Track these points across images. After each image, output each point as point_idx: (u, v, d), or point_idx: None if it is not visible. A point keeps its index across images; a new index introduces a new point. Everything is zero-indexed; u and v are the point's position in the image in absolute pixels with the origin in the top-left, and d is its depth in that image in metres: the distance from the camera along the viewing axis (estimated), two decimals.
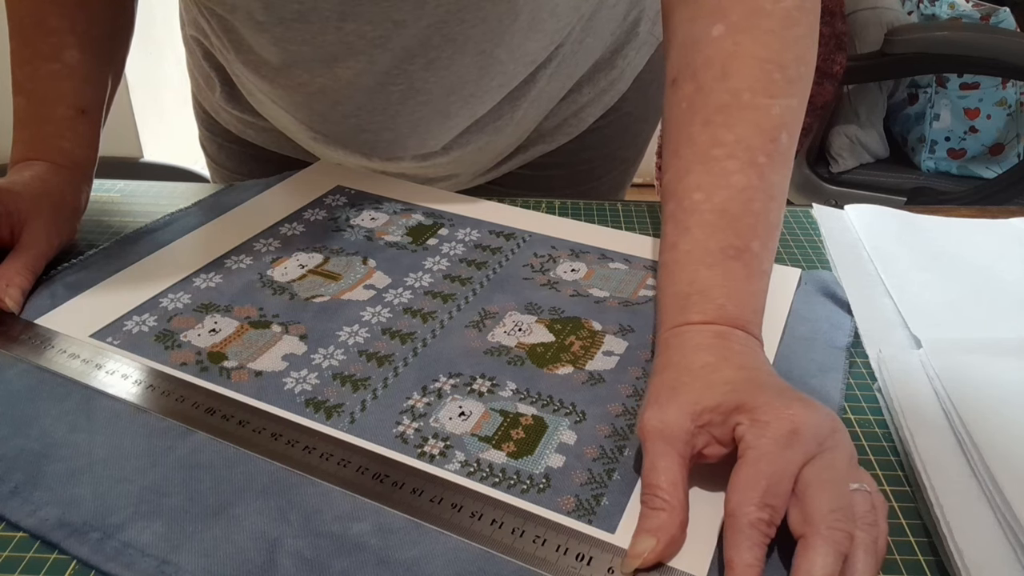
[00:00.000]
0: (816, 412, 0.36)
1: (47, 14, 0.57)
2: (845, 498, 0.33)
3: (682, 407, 0.37)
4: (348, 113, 0.63)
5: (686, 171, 0.46)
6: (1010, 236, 0.59)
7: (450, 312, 0.51)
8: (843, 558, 0.32)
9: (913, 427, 0.41)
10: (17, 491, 0.38)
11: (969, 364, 0.44)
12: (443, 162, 0.69)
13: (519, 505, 0.37)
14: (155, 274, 0.54)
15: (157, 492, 0.38)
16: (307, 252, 0.57)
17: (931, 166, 1.58)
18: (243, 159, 0.78)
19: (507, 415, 0.43)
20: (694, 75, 0.46)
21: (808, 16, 0.47)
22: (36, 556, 0.36)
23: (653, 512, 0.35)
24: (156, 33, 1.85)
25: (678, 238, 0.45)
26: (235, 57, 0.63)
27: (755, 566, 0.32)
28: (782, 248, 0.59)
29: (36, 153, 0.58)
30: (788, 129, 0.46)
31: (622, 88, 0.73)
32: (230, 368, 0.46)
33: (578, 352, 0.47)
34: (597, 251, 0.57)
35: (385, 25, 0.56)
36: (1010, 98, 1.52)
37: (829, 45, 1.43)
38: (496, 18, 0.57)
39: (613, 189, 0.81)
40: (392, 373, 0.45)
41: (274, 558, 0.35)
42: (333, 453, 0.40)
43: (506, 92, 0.65)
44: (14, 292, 0.50)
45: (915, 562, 0.36)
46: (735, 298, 0.42)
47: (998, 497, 0.36)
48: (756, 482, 0.34)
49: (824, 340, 0.49)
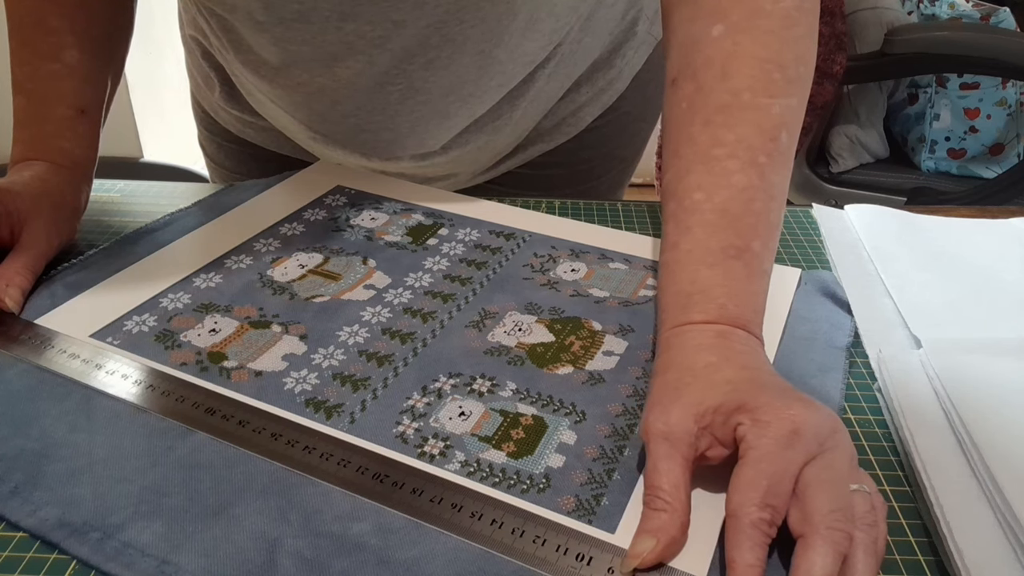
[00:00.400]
0: (817, 412, 0.36)
1: (47, 14, 0.57)
2: (845, 498, 0.33)
3: (686, 408, 0.37)
4: (347, 113, 0.63)
5: (687, 171, 0.46)
6: (1010, 236, 0.59)
7: (450, 312, 0.51)
8: (842, 558, 0.32)
9: (913, 427, 0.41)
10: (17, 491, 0.38)
11: (969, 364, 0.44)
12: (442, 162, 0.69)
13: (519, 505, 0.37)
14: (155, 274, 0.54)
15: (157, 492, 0.38)
16: (307, 252, 0.57)
17: (931, 166, 1.58)
18: (242, 159, 0.78)
19: (507, 415, 0.43)
20: (694, 75, 0.46)
21: (808, 16, 0.47)
22: (36, 556, 0.36)
23: (654, 513, 0.35)
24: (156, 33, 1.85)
25: (679, 238, 0.45)
26: (234, 57, 0.63)
27: (757, 566, 0.32)
28: (782, 248, 0.59)
29: (36, 153, 0.58)
30: (788, 129, 0.46)
31: (620, 87, 0.73)
32: (230, 368, 0.46)
33: (578, 352, 0.47)
34: (597, 251, 0.57)
35: (385, 25, 0.56)
36: (1010, 98, 1.52)
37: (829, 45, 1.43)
38: (495, 18, 0.57)
39: (612, 188, 0.81)
40: (392, 373, 0.45)
41: (274, 558, 0.35)
42: (333, 453, 0.40)
43: (505, 92, 0.65)
44: (14, 292, 0.50)
45: (915, 562, 0.36)
46: (736, 298, 0.43)
47: (998, 497, 0.36)
48: (757, 482, 0.34)
49: (824, 340, 0.49)
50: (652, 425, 0.37)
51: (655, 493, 0.35)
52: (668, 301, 0.44)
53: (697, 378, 0.39)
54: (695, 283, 0.43)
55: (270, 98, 0.66)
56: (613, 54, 0.70)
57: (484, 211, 0.62)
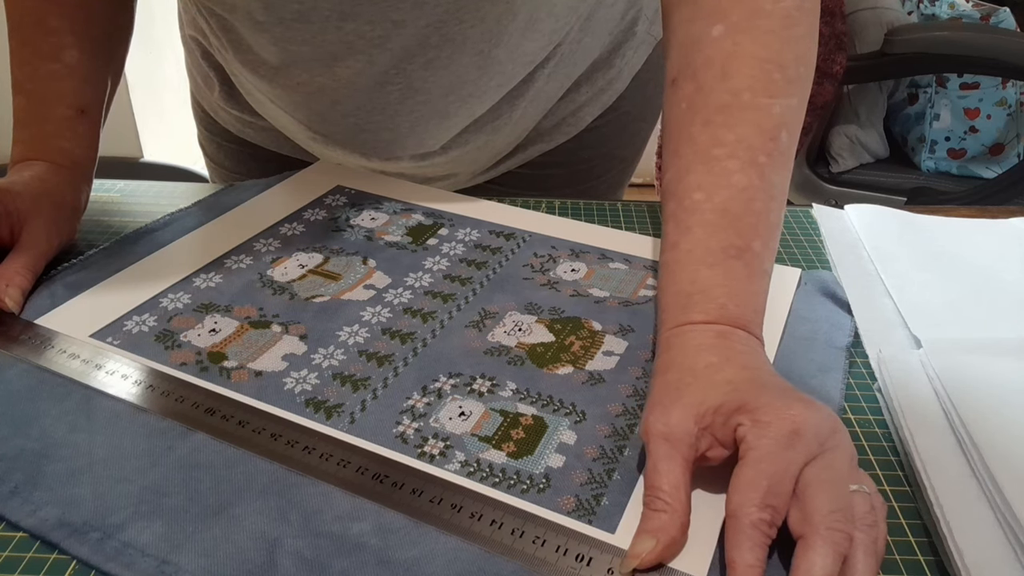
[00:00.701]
0: (817, 412, 0.36)
1: (46, 14, 0.57)
2: (845, 499, 0.33)
3: (686, 409, 0.37)
4: (347, 113, 0.63)
5: (687, 171, 0.46)
6: (1010, 236, 0.59)
7: (450, 312, 0.51)
8: (842, 559, 0.32)
9: (913, 427, 0.41)
10: (17, 491, 0.38)
11: (969, 364, 0.44)
12: (442, 161, 0.69)
13: (519, 505, 0.37)
14: (155, 274, 0.54)
15: (157, 492, 0.38)
16: (307, 252, 0.57)
17: (931, 166, 1.58)
18: (242, 159, 0.78)
19: (507, 415, 0.43)
20: (694, 75, 0.46)
21: (808, 16, 0.47)
22: (36, 556, 0.36)
23: (654, 513, 0.35)
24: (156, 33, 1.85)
25: (679, 237, 0.45)
26: (234, 57, 0.63)
27: (757, 567, 0.32)
28: (782, 248, 0.59)
29: (36, 153, 0.58)
30: (788, 129, 0.46)
31: (620, 87, 0.73)
32: (230, 368, 0.46)
33: (578, 352, 0.47)
34: (597, 251, 0.57)
35: (384, 25, 0.56)
36: (1010, 98, 1.52)
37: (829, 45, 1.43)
38: (494, 18, 0.57)
39: (612, 188, 0.81)
40: (392, 373, 0.45)
41: (274, 558, 0.35)
42: (333, 453, 0.40)
43: (504, 92, 0.65)
44: (14, 292, 0.50)
45: (915, 562, 0.36)
46: (737, 298, 0.42)
47: (998, 497, 0.36)
48: (758, 482, 0.34)
49: (824, 340, 0.49)
50: (652, 425, 0.37)
51: (655, 493, 0.35)
52: (668, 301, 0.44)
53: (697, 378, 0.39)
54: (695, 283, 0.43)
55: (270, 98, 0.66)
56: (613, 54, 0.70)
57: (484, 211, 0.62)
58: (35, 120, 0.58)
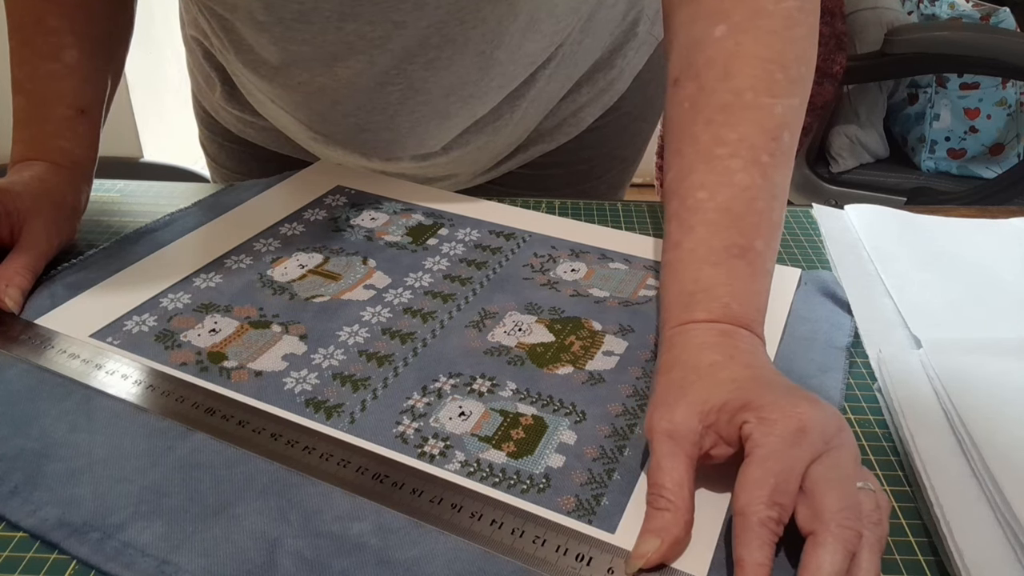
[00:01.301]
0: (823, 411, 0.36)
1: (46, 14, 0.57)
2: (853, 497, 0.33)
3: (690, 407, 0.37)
4: (347, 113, 0.63)
5: (689, 170, 0.46)
6: (1010, 236, 0.59)
7: (450, 312, 0.51)
8: (851, 556, 0.32)
9: (913, 427, 0.41)
10: (17, 491, 0.38)
11: (969, 364, 0.44)
12: (442, 162, 0.69)
13: (519, 505, 0.37)
14: (155, 274, 0.54)
15: (157, 492, 0.38)
16: (307, 252, 0.57)
17: (931, 166, 1.58)
18: (243, 159, 0.78)
19: (507, 415, 0.43)
20: (696, 75, 0.46)
21: (809, 17, 0.47)
22: (36, 556, 0.36)
23: (658, 512, 0.35)
24: (156, 33, 1.85)
25: (682, 237, 0.45)
26: (235, 57, 0.63)
27: (766, 565, 0.32)
28: (782, 248, 0.59)
29: (36, 153, 0.58)
30: (790, 128, 0.46)
31: (621, 88, 0.73)
32: (230, 368, 0.46)
33: (578, 352, 0.47)
34: (597, 251, 0.57)
35: (385, 25, 0.56)
36: (1010, 98, 1.52)
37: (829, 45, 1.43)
38: (495, 19, 0.57)
39: (612, 188, 0.81)
40: (392, 373, 0.45)
41: (274, 558, 0.35)
42: (333, 453, 0.40)
43: (505, 93, 0.65)
44: (14, 292, 0.50)
45: (915, 562, 0.36)
46: (740, 297, 0.43)
47: (998, 497, 0.36)
48: (765, 480, 0.34)
49: (824, 340, 0.49)
50: (656, 423, 0.37)
51: (659, 492, 0.35)
52: (671, 300, 0.44)
53: (701, 376, 0.39)
54: (698, 282, 0.43)
55: (270, 98, 0.66)
56: (614, 54, 0.70)
57: (484, 211, 0.62)
58: (35, 120, 0.58)
